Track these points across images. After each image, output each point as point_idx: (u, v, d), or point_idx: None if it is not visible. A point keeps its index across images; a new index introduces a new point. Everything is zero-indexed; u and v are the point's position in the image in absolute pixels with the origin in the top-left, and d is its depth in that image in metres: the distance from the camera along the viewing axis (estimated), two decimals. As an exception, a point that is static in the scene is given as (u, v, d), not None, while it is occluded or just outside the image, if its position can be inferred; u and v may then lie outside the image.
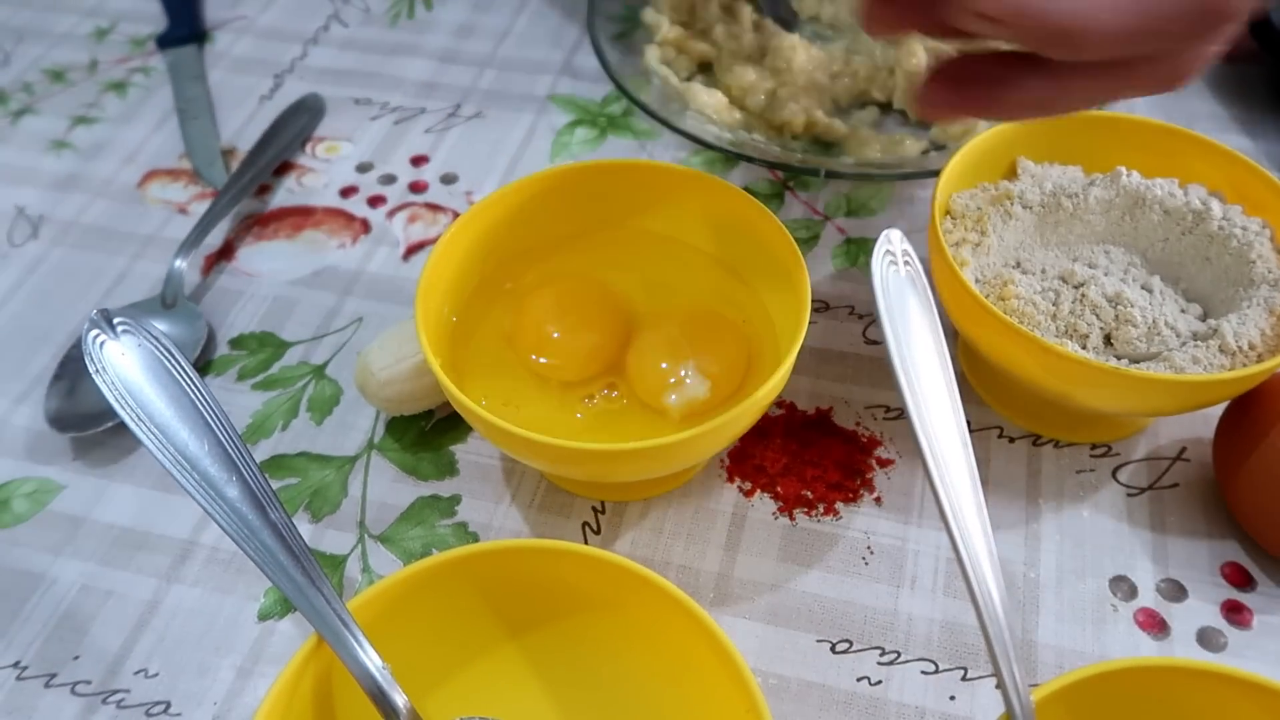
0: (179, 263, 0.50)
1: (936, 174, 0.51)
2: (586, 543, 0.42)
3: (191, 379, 0.33)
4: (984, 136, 0.46)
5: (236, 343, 0.49)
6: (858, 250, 0.52)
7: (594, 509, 0.42)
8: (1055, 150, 0.47)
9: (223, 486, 0.31)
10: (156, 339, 0.34)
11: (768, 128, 0.57)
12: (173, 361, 0.33)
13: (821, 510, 0.42)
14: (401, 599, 0.32)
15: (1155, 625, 0.38)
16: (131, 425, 0.31)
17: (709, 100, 0.57)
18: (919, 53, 0.57)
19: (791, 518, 0.42)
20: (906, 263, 0.30)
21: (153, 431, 0.32)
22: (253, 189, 0.55)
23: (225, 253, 0.53)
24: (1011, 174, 0.47)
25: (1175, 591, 0.39)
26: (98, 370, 0.32)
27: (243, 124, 0.60)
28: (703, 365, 0.39)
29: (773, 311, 0.42)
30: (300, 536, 0.32)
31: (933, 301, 0.31)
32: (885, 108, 0.59)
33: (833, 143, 0.57)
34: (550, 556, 0.32)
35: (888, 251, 0.30)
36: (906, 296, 0.30)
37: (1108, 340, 0.40)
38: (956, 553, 0.30)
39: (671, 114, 0.55)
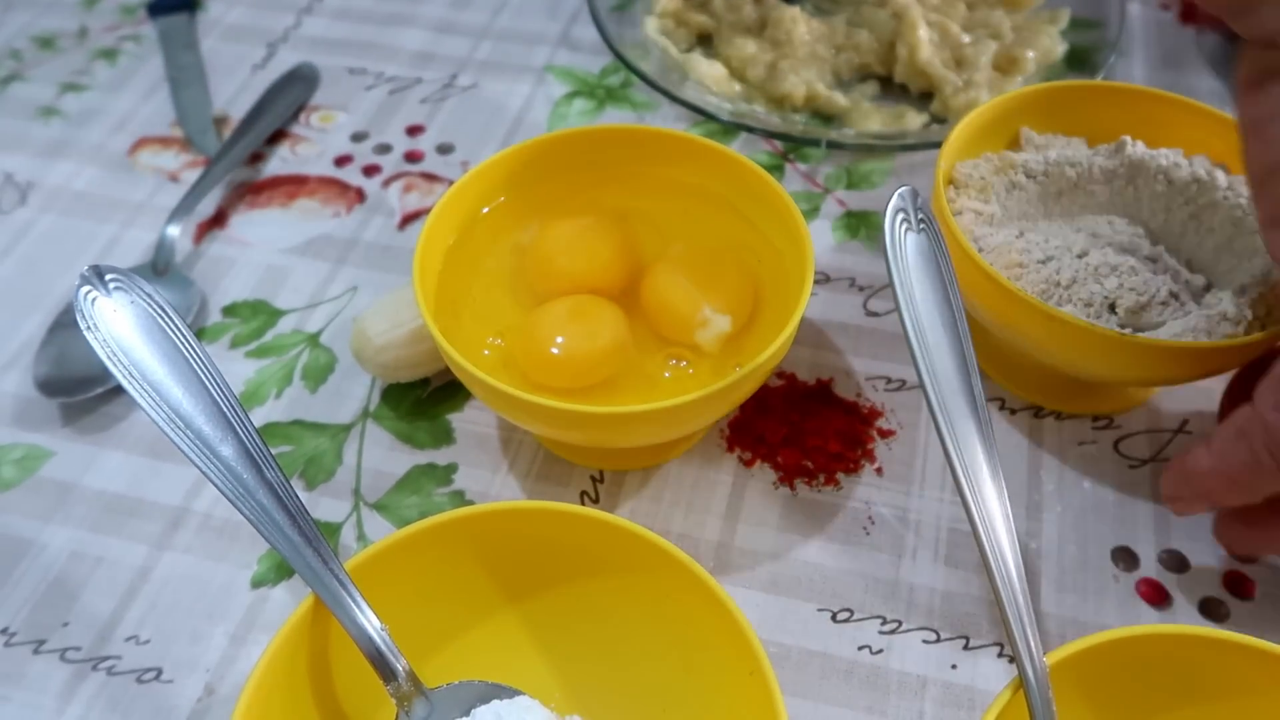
0: (170, 229, 0.50)
1: (939, 146, 0.50)
2: (585, 512, 0.41)
3: (185, 337, 0.32)
4: (988, 106, 0.45)
5: (229, 310, 0.48)
6: (858, 223, 0.52)
7: (593, 478, 0.42)
8: (1059, 121, 0.47)
9: (217, 445, 0.31)
10: (149, 296, 0.33)
11: (768, 100, 0.56)
12: (166, 319, 0.33)
13: (822, 480, 0.42)
14: (400, 561, 0.32)
15: (1157, 596, 0.38)
16: (124, 382, 0.31)
17: (709, 71, 0.56)
18: (920, 27, 0.57)
19: (792, 487, 0.42)
20: (921, 222, 0.30)
21: (146, 389, 0.31)
22: (245, 157, 0.55)
23: (218, 221, 0.53)
24: (1015, 144, 0.47)
25: (1177, 562, 0.39)
26: (89, 327, 0.31)
27: (236, 92, 0.59)
28: (715, 301, 0.39)
29: (785, 256, 0.42)
30: (296, 496, 0.31)
31: (950, 264, 0.30)
32: (886, 82, 0.58)
33: (833, 115, 0.56)
34: (550, 518, 0.32)
35: (900, 210, 0.30)
36: (921, 258, 0.29)
37: (1111, 309, 0.40)
38: (970, 517, 0.30)
39: (671, 85, 0.55)
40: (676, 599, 0.31)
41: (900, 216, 0.30)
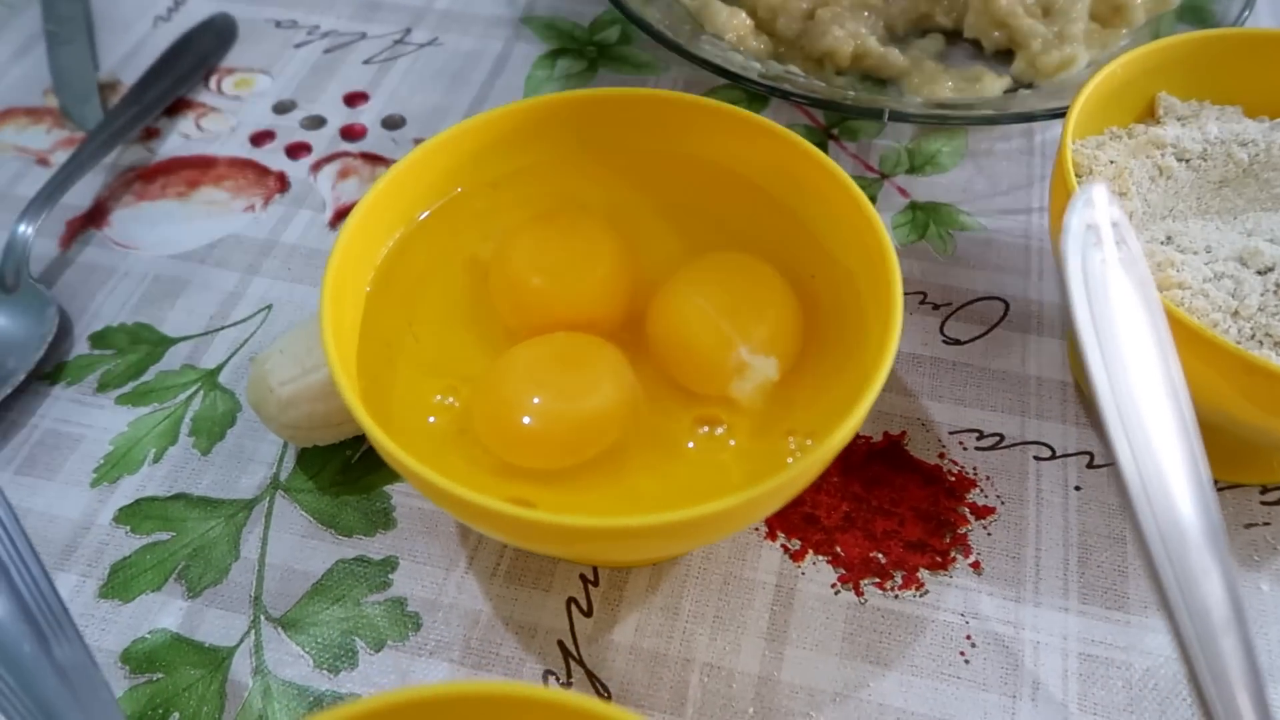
0: (24, 229, 0.38)
1: (1030, 118, 0.39)
2: (573, 627, 0.30)
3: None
4: (1119, 65, 0.34)
5: (99, 339, 0.37)
6: (926, 218, 0.40)
7: (583, 578, 0.31)
8: (1207, 84, 0.35)
9: (-23, 605, 0.19)
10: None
11: (805, 59, 0.44)
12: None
13: (900, 581, 0.30)
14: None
15: (1389, 760, 0.27)
16: None
17: (730, 22, 0.44)
18: (994, -34, 0.45)
19: (859, 592, 0.30)
20: (1119, 242, 0.18)
21: None
22: (135, 133, 0.43)
23: (94, 217, 0.41)
24: (1148, 115, 0.35)
25: None
26: None
27: (130, 51, 0.47)
28: (754, 337, 0.28)
29: (853, 271, 0.30)
30: (106, 683, 0.19)
31: (1158, 301, 0.19)
32: (953, 36, 0.46)
33: (888, 79, 0.44)
34: (499, 706, 0.20)
35: (1090, 226, 0.18)
36: (1119, 295, 0.18)
37: (1315, 349, 0.28)
38: (1195, 684, 0.19)
39: (682, 39, 0.43)
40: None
41: (1090, 237, 0.18)
